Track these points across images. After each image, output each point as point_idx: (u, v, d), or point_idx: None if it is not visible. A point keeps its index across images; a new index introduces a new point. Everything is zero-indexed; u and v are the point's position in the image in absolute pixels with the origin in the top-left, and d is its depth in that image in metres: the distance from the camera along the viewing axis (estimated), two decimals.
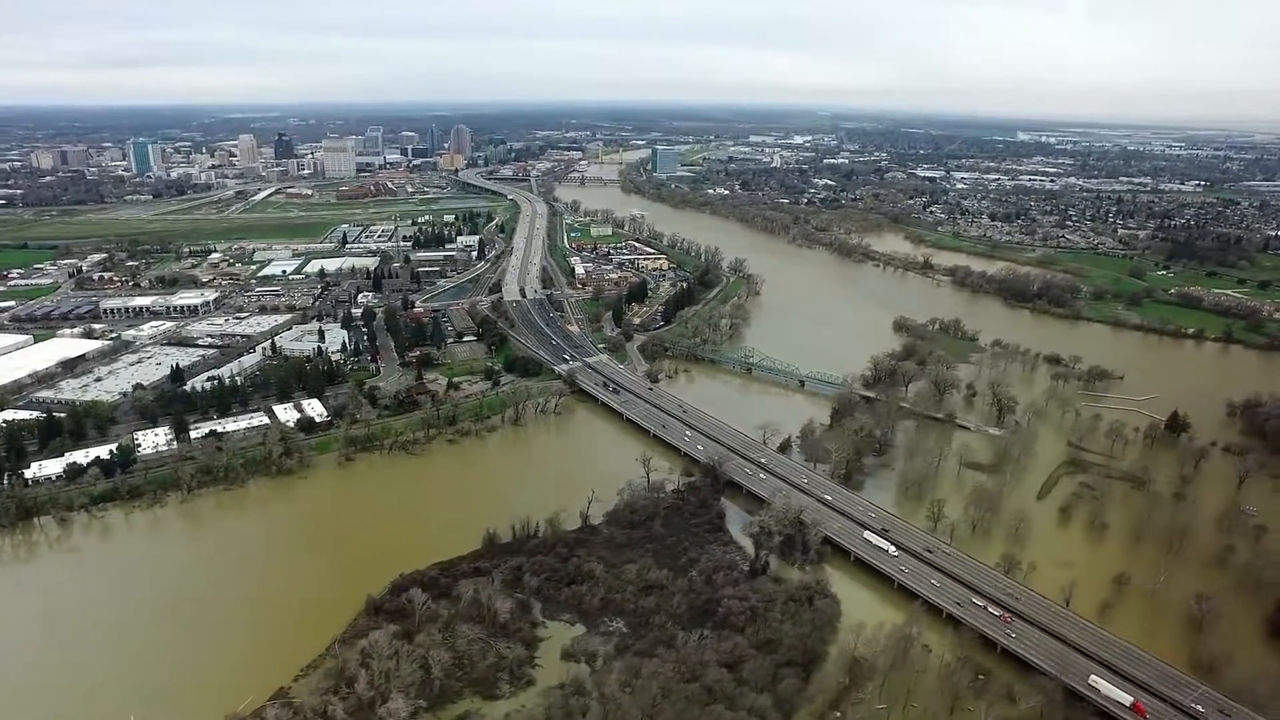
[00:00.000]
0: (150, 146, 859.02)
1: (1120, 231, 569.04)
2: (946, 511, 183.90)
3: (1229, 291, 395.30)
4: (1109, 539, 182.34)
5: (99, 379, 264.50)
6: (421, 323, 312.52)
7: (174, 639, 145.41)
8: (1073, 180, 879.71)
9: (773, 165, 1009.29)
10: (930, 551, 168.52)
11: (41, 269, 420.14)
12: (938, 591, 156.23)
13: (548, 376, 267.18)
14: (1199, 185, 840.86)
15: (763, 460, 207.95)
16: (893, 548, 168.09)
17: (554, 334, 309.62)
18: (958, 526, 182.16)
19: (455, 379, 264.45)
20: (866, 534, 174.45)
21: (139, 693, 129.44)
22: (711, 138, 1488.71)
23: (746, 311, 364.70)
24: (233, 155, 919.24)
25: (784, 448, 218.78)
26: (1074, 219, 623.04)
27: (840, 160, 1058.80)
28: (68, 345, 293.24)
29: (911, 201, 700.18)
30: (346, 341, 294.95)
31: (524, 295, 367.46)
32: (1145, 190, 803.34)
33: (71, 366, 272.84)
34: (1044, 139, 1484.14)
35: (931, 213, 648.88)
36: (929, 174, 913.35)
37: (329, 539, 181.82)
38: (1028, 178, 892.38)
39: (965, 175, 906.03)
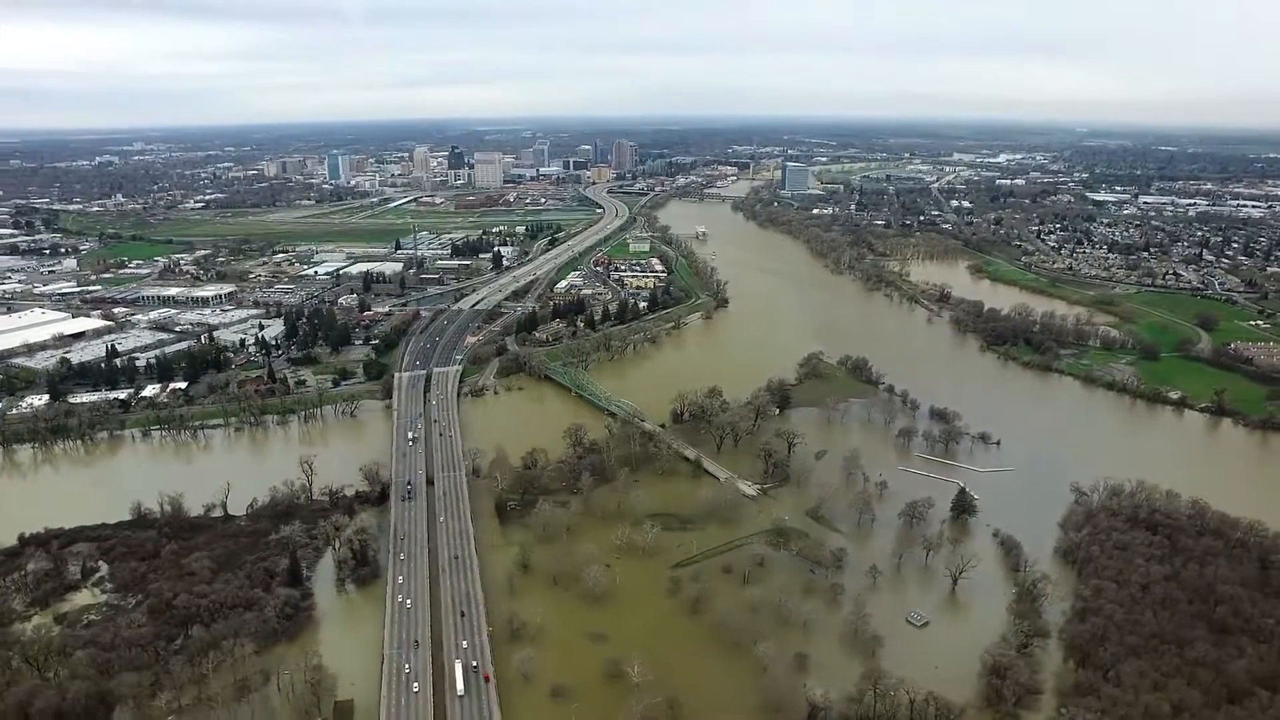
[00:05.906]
0: (341, 158, 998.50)
1: (1270, 269, 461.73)
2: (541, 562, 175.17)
3: None
4: (696, 623, 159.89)
5: (68, 352, 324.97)
6: (335, 324, 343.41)
7: None
8: None
9: (933, 184, 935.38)
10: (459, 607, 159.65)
11: (157, 261, 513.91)
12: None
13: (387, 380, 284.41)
14: None
15: (437, 483, 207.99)
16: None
17: (440, 344, 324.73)
18: (543, 582, 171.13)
19: (314, 376, 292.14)
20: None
21: None
22: (907, 154, 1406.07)
23: (680, 335, 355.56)
24: (410, 166, 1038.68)
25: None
26: (1229, 253, 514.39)
27: (1017, 181, 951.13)
28: (78, 323, 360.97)
29: (1037, 228, 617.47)
30: (262, 337, 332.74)
31: (474, 306, 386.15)
32: None
33: (60, 340, 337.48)
34: None
35: (1043, 240, 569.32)
36: (1108, 197, 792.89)
37: (46, 494, 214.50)
38: (1236, 203, 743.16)
39: (1153, 199, 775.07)
